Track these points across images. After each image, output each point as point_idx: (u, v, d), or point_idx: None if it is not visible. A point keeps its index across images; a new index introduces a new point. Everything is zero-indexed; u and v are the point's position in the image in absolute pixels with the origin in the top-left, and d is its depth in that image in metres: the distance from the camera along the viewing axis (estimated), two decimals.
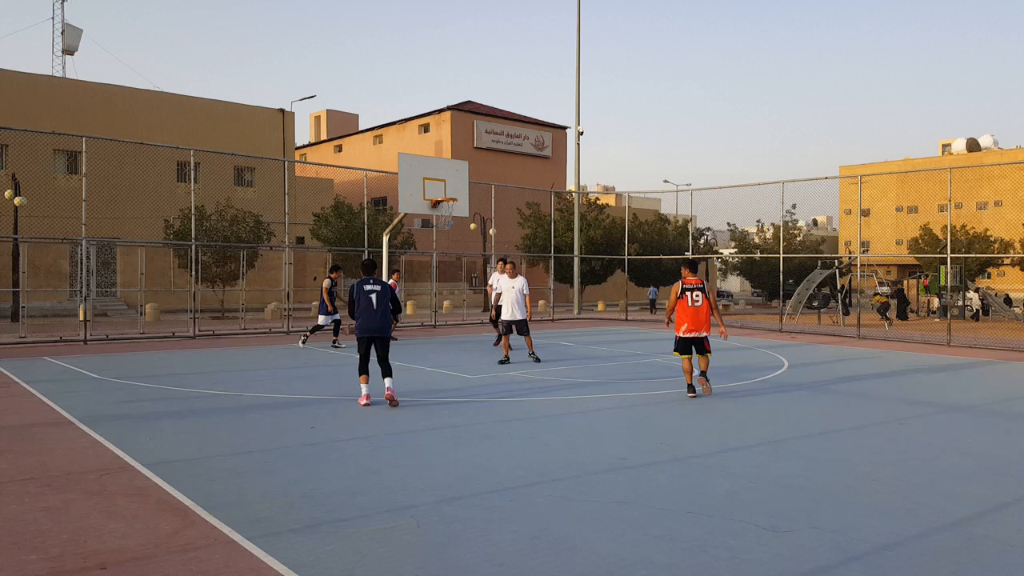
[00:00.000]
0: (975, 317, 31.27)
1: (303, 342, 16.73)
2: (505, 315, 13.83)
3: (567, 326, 24.70)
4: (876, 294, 30.39)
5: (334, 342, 16.70)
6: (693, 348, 9.92)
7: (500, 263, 14.93)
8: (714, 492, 5.68)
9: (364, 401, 9.20)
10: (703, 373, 10.06)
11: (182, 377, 11.70)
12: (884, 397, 10.37)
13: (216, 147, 30.32)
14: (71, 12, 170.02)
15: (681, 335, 9.87)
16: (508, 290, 13.87)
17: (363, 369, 9.41)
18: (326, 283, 16.48)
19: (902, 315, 32.00)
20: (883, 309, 29.14)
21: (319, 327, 16.84)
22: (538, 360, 13.70)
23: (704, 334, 9.90)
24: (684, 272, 10.05)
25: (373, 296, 9.43)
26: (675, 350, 10.09)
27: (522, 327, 13.77)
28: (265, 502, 5.33)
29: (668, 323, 10.64)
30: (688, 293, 9.82)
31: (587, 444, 7.28)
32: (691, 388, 9.95)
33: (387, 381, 9.30)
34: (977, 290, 32.30)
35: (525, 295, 13.87)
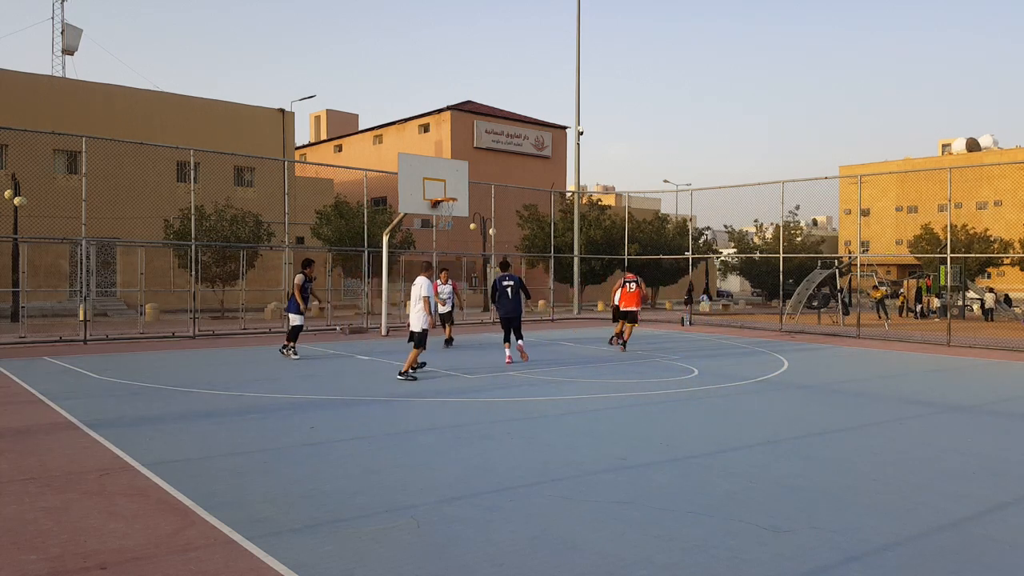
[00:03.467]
0: (987, 317, 31.20)
1: (295, 353, 14.46)
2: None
3: (567, 326, 24.70)
4: (876, 287, 30.39)
5: (286, 347, 14.58)
6: (625, 317, 15.96)
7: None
8: (714, 492, 5.68)
9: (508, 360, 13.41)
10: (625, 340, 15.95)
11: (182, 377, 11.70)
12: (884, 397, 10.37)
13: (216, 147, 30.30)
14: (71, 12, 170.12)
15: (620, 308, 15.95)
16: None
17: (507, 339, 13.70)
18: (299, 279, 14.47)
19: (922, 314, 32.03)
20: (880, 305, 29.15)
21: (299, 329, 14.60)
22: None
23: (634, 309, 15.93)
24: (627, 275, 16.33)
25: (508, 289, 13.80)
26: (614, 318, 16.45)
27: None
28: (265, 502, 5.33)
29: (613, 303, 16.45)
30: (627, 284, 15.92)
31: (587, 444, 7.28)
32: (614, 340, 16.08)
33: (520, 342, 13.54)
34: (991, 290, 32.31)
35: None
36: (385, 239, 21.22)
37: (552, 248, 29.48)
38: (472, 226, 32.35)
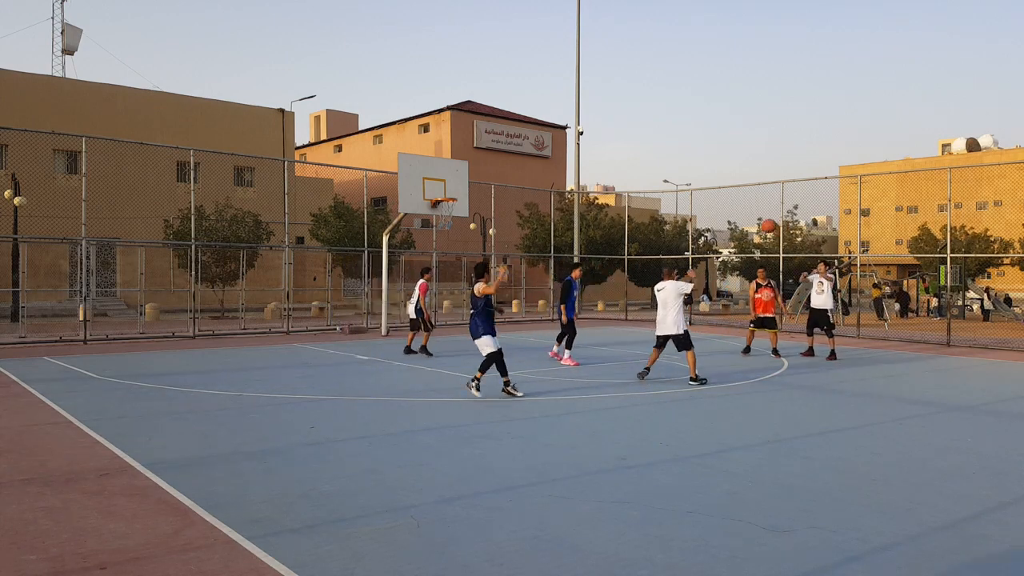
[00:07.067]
0: (987, 317, 31.19)
1: (476, 388, 9.90)
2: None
3: None
4: (875, 286, 30.36)
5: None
6: (764, 324, 15.53)
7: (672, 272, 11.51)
8: (714, 492, 5.67)
9: (575, 363, 13.37)
10: (775, 349, 15.33)
11: (182, 377, 11.70)
12: (884, 397, 10.36)
13: (216, 147, 30.30)
14: (71, 12, 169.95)
15: (757, 315, 15.53)
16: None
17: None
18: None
19: (903, 313, 32.00)
20: (879, 305, 29.14)
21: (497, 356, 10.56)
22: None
23: (771, 315, 15.44)
24: (760, 274, 15.53)
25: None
26: (752, 324, 15.78)
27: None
28: (265, 502, 5.32)
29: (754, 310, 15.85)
30: (763, 289, 15.36)
31: (587, 444, 7.28)
32: (747, 350, 15.79)
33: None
34: (987, 290, 32.31)
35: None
36: (385, 239, 21.22)
37: (552, 248, 29.46)
38: (472, 226, 32.32)
